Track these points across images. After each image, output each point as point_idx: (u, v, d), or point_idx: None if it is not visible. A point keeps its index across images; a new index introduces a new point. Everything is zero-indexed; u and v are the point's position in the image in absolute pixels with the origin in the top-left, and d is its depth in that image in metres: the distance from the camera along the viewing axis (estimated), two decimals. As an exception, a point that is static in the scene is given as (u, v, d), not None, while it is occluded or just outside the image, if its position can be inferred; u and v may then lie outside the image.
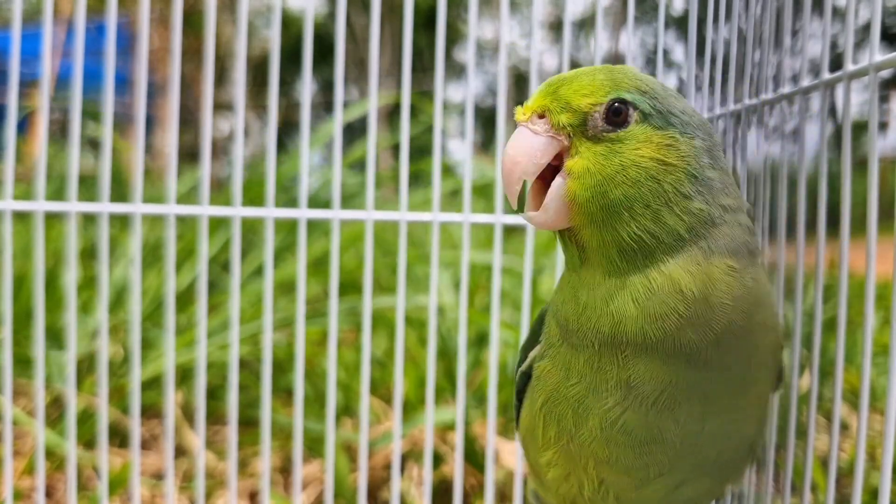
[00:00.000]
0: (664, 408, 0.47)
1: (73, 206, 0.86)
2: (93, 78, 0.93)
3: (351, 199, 2.05)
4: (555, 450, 0.52)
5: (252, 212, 0.87)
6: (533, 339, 0.56)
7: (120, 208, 0.87)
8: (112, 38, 0.85)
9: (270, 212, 0.87)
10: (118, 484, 1.07)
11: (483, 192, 2.16)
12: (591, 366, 0.48)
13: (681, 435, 0.47)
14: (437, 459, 1.19)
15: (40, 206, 0.85)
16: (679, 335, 0.45)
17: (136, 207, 0.87)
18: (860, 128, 0.57)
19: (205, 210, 0.87)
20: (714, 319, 0.45)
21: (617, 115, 0.46)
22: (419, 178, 1.93)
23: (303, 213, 0.87)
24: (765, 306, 0.48)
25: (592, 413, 0.48)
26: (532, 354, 0.54)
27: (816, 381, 0.56)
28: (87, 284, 1.51)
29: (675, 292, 0.45)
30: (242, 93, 0.92)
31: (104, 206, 0.86)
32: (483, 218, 0.88)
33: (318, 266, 1.69)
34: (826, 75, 0.57)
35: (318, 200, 2.03)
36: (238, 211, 0.87)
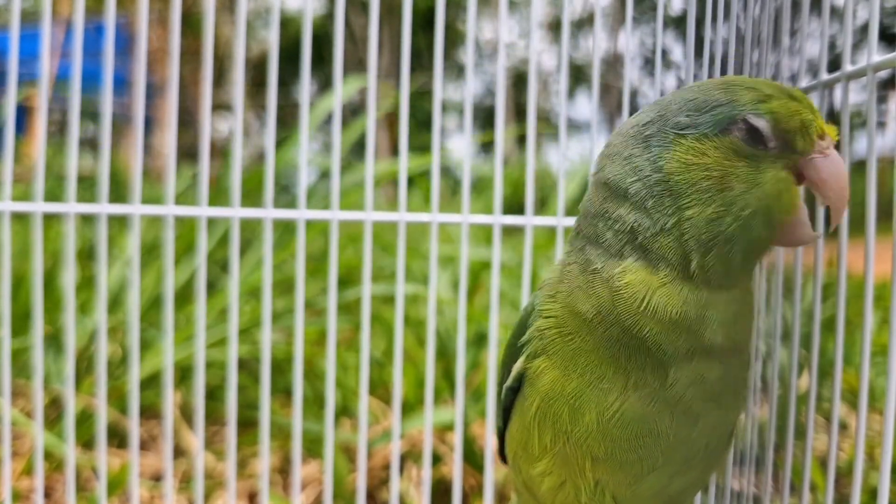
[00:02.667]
0: (679, 409, 0.49)
1: (72, 207, 0.86)
2: (91, 78, 0.93)
3: (346, 195, 2.03)
4: (549, 457, 0.53)
5: (251, 213, 0.87)
6: (513, 353, 0.55)
7: (119, 209, 0.87)
8: (111, 38, 0.85)
9: (269, 212, 0.87)
10: (117, 485, 1.06)
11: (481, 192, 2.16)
12: (607, 363, 0.49)
13: (675, 427, 0.49)
14: (436, 460, 1.19)
15: (39, 207, 0.85)
16: (732, 341, 0.49)
17: (135, 208, 0.87)
18: (858, 128, 0.57)
19: (203, 211, 0.87)
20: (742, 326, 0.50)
21: None
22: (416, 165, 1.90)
23: (301, 214, 0.87)
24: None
25: (589, 408, 0.50)
26: (518, 365, 0.54)
27: (815, 381, 0.57)
28: (86, 285, 1.51)
29: (747, 304, 0.50)
30: (241, 93, 0.91)
31: (103, 208, 0.86)
32: (482, 219, 0.88)
33: (317, 262, 1.69)
34: (824, 76, 0.57)
35: (315, 193, 2.01)
36: (237, 212, 0.87)
